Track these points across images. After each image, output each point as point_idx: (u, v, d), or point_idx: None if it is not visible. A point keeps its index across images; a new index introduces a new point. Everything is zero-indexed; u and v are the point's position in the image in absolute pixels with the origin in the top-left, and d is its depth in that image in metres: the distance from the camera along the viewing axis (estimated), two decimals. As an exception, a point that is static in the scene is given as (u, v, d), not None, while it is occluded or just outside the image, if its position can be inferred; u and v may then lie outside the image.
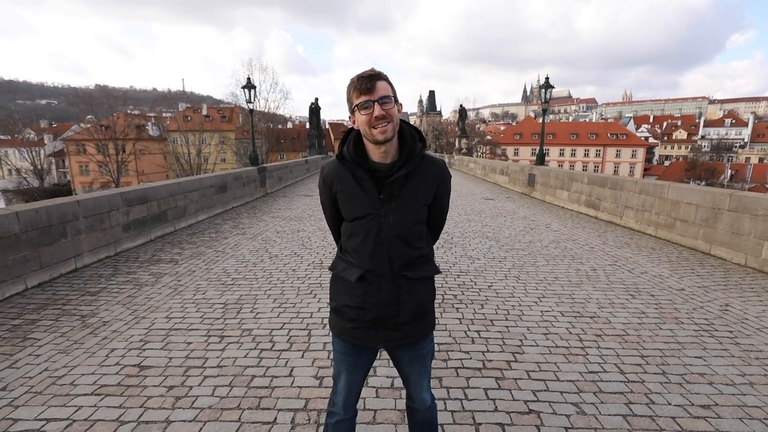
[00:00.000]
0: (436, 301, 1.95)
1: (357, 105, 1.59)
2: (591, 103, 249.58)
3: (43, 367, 3.28)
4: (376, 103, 1.57)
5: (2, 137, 58.93)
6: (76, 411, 2.77)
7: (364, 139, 1.69)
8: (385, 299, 1.74)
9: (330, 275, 1.92)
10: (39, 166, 49.80)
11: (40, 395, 2.93)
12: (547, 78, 15.29)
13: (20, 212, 5.03)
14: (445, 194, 1.85)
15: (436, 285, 1.96)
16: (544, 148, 16.10)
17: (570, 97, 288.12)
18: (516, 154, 74.62)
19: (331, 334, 1.93)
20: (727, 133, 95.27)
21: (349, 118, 1.70)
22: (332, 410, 1.94)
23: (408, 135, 1.70)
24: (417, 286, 1.78)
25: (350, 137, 1.73)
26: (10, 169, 50.28)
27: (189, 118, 62.18)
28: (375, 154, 1.68)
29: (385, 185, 1.67)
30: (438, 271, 1.88)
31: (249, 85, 15.64)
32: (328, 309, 2.00)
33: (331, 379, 2.00)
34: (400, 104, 1.67)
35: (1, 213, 4.87)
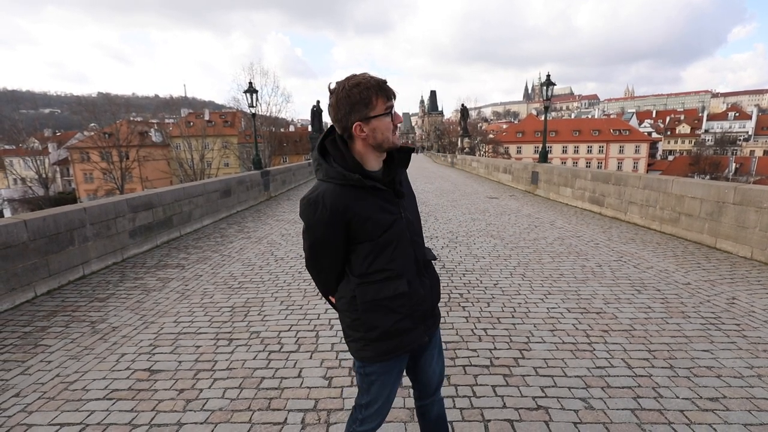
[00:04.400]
0: (442, 299, 2.01)
1: (386, 109, 1.54)
2: (593, 100, 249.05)
3: (54, 373, 3.32)
4: (393, 109, 1.57)
5: (7, 147, 59.44)
6: (88, 416, 2.81)
7: (365, 149, 1.59)
8: (426, 292, 1.78)
9: None
10: (44, 175, 50.08)
11: (52, 401, 2.97)
12: (548, 75, 15.26)
13: (28, 221, 5.08)
14: None
15: (441, 284, 2.04)
16: (547, 145, 16.07)
17: (572, 93, 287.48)
18: (519, 152, 74.59)
19: (361, 363, 1.76)
20: (730, 127, 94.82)
21: (356, 127, 1.53)
22: (364, 420, 1.83)
23: None
24: (431, 267, 1.89)
25: (338, 155, 1.58)
26: (15, 178, 50.63)
27: (191, 123, 62.41)
28: (375, 162, 1.64)
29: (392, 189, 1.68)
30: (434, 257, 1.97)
31: (251, 89, 15.69)
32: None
33: (361, 401, 1.83)
34: None
35: (10, 222, 4.92)
